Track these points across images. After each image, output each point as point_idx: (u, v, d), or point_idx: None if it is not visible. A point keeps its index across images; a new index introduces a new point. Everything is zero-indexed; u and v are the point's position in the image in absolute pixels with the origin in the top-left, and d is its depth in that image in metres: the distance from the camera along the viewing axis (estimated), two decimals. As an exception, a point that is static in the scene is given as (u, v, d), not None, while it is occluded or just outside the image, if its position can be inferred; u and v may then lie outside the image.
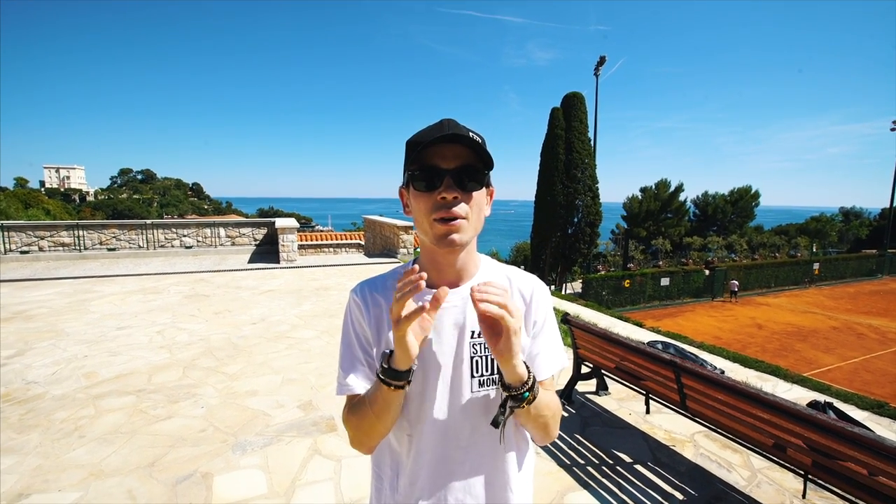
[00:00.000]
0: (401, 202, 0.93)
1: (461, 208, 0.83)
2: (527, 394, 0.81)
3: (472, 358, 0.90)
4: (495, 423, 0.86)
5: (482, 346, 0.90)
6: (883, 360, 13.63)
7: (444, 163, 0.82)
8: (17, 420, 3.47)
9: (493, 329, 0.77)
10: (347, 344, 0.96)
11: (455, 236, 0.83)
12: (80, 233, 11.75)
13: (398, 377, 0.80)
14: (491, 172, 0.89)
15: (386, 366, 0.81)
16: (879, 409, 4.09)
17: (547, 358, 0.95)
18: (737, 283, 21.70)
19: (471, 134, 0.83)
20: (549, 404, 0.89)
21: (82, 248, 11.76)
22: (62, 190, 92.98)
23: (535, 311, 0.95)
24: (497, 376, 0.90)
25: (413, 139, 0.86)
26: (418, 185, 0.84)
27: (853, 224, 39.65)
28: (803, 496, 2.57)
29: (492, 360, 0.90)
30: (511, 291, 0.94)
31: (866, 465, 2.05)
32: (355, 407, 0.91)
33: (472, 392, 0.89)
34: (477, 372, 0.90)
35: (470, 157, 0.83)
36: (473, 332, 0.91)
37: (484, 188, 0.87)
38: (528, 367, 0.83)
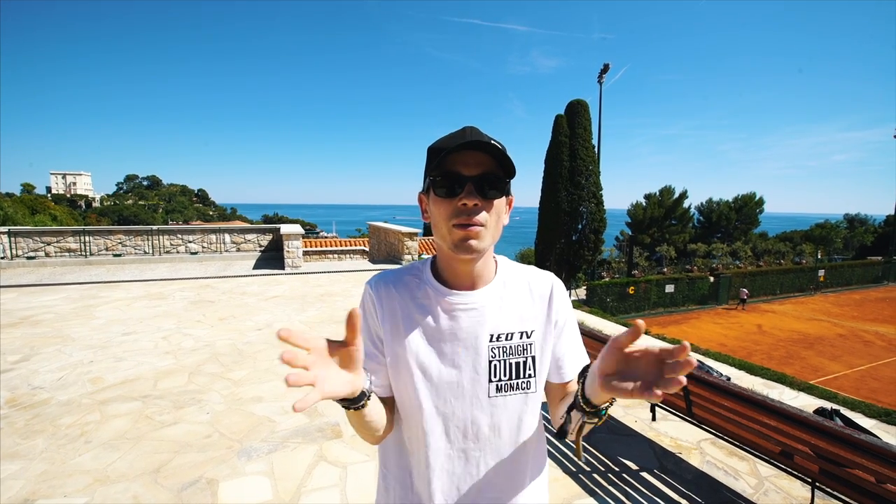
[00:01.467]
0: (420, 208, 0.93)
1: (481, 216, 0.83)
2: (603, 412, 0.78)
3: (490, 362, 0.89)
4: (562, 433, 0.85)
5: (501, 349, 0.89)
6: (890, 367, 13.48)
7: (466, 170, 0.82)
8: (23, 425, 3.48)
9: (625, 373, 0.66)
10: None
11: (473, 242, 0.83)
12: (87, 239, 11.84)
13: (348, 403, 0.77)
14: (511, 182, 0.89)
15: None
16: (887, 416, 4.06)
17: (573, 358, 0.96)
18: (746, 291, 21.56)
19: (493, 142, 0.83)
20: None
21: (88, 253, 11.84)
22: (68, 196, 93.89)
23: (556, 311, 0.94)
24: (520, 380, 0.90)
25: (435, 145, 0.86)
26: (439, 190, 0.84)
27: (858, 231, 39.45)
28: (811, 504, 2.55)
29: (511, 365, 0.89)
30: (530, 292, 0.95)
31: (874, 473, 2.04)
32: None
33: (489, 397, 0.89)
34: (495, 377, 0.89)
35: (492, 165, 0.83)
36: (493, 336, 0.89)
37: (504, 197, 0.87)
38: None
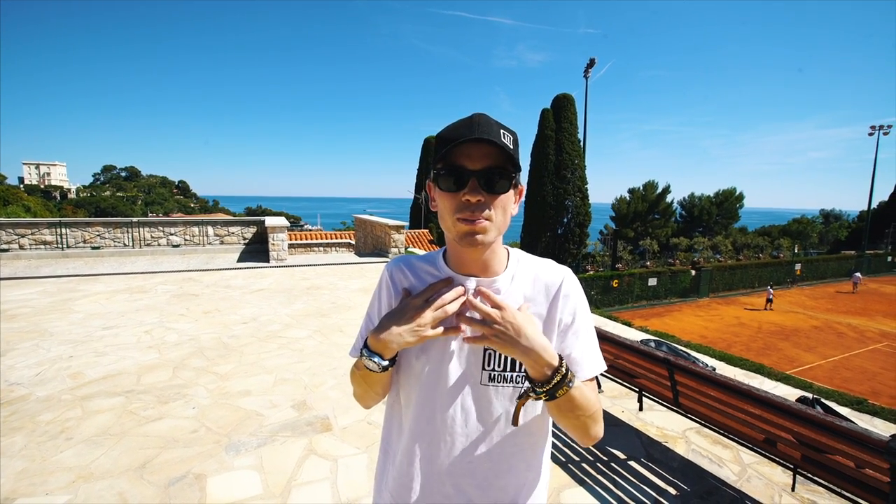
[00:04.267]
0: (428, 195, 0.91)
1: (486, 211, 0.82)
2: (552, 390, 0.79)
3: (485, 350, 0.89)
4: (514, 421, 0.86)
5: None
6: (861, 357, 14.00)
7: (471, 163, 0.80)
8: (1, 422, 3.37)
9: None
10: (370, 315, 1.01)
11: (478, 237, 0.82)
12: (63, 231, 11.49)
13: (381, 364, 0.86)
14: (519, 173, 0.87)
15: (373, 351, 0.87)
16: (859, 405, 4.21)
17: (581, 362, 0.91)
18: (772, 291, 21.04)
19: (502, 132, 0.80)
20: (586, 404, 0.84)
21: (65, 246, 11.50)
22: (42, 187, 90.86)
23: (562, 307, 0.91)
24: (514, 374, 0.89)
25: (442, 134, 0.83)
26: (444, 184, 0.83)
27: (833, 226, 40.70)
28: (792, 489, 2.63)
29: (507, 358, 0.89)
30: (537, 286, 0.92)
31: (854, 458, 2.11)
32: (353, 370, 0.95)
33: (481, 384, 0.89)
34: (489, 365, 0.89)
35: (498, 158, 0.81)
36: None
37: (511, 189, 0.85)
38: (560, 360, 0.80)
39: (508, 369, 0.89)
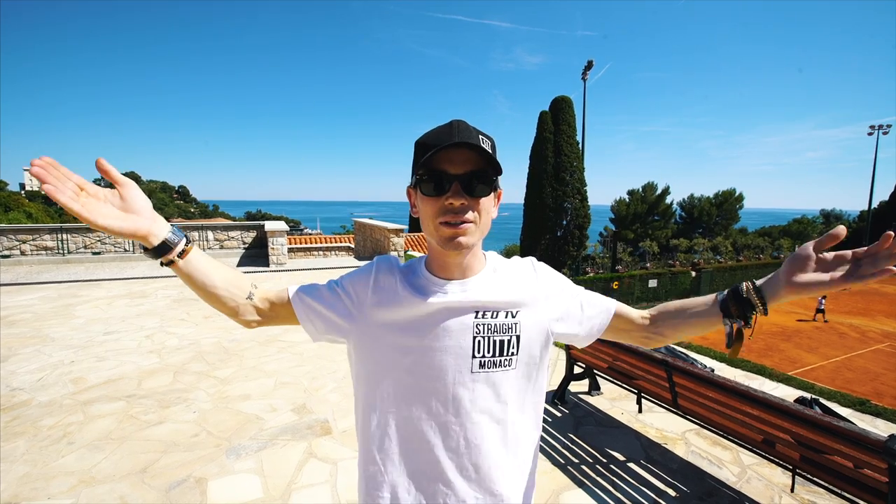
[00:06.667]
0: (409, 201, 0.93)
1: (468, 214, 0.83)
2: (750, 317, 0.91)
3: (474, 338, 0.89)
4: (735, 339, 0.96)
5: (486, 326, 0.89)
6: (864, 358, 13.94)
7: (453, 168, 0.81)
8: (3, 427, 3.39)
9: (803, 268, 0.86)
10: (333, 281, 1.00)
11: (461, 239, 0.83)
12: (64, 236, 11.52)
13: (157, 253, 0.86)
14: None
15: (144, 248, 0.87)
16: (861, 406, 4.20)
17: (597, 299, 1.02)
18: (824, 301, 18.83)
19: (480, 137, 0.82)
20: None
21: (66, 251, 11.53)
22: (43, 192, 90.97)
23: (543, 283, 0.98)
24: (502, 357, 0.91)
25: (422, 140, 0.85)
26: (426, 189, 0.83)
27: (833, 226, 40.65)
28: (791, 490, 2.63)
29: (495, 343, 0.89)
30: (517, 276, 0.97)
31: (852, 459, 2.11)
32: None
33: (471, 372, 0.88)
34: (478, 353, 0.88)
35: (479, 163, 0.82)
36: (478, 312, 0.89)
37: (492, 192, 0.86)
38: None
39: (497, 353, 0.89)
